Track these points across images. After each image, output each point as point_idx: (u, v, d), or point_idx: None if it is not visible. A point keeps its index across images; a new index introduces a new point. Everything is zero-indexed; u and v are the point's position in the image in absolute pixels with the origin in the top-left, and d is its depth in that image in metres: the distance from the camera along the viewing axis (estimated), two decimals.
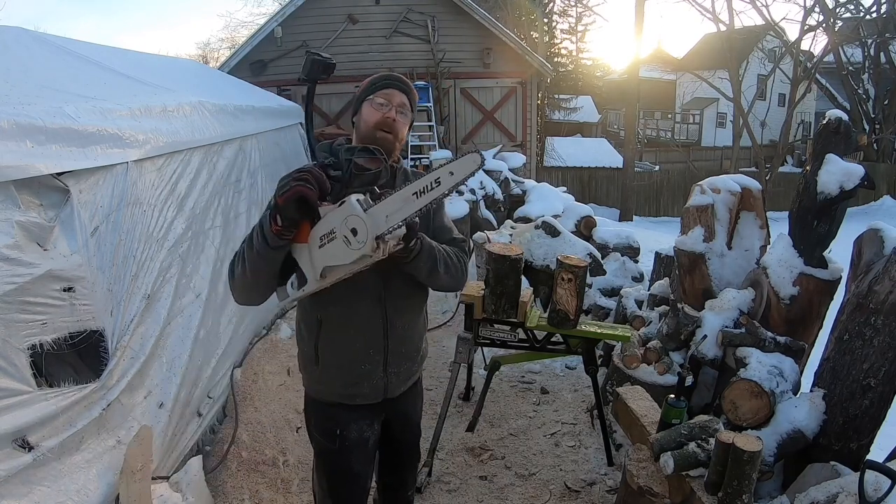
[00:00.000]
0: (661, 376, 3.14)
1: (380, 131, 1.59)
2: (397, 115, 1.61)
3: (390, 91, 1.62)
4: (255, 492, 2.56)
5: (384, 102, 1.60)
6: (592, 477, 2.91)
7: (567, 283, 2.85)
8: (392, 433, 1.78)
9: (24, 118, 1.73)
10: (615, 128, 26.15)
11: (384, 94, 1.61)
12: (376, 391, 1.65)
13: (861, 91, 19.31)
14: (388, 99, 1.61)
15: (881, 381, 2.08)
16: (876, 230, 2.26)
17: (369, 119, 1.60)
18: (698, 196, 3.06)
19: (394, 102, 1.61)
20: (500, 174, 7.80)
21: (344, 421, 1.66)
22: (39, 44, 2.92)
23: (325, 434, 1.68)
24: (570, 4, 24.57)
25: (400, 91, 1.63)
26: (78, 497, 1.77)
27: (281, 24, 9.90)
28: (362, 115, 1.63)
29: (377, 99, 1.61)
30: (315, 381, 1.68)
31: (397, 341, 1.64)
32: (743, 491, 1.93)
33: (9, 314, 1.60)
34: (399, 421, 1.78)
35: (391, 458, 1.86)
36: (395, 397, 1.70)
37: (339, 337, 1.60)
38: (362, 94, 1.65)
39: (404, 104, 1.63)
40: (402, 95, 1.63)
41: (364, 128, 1.61)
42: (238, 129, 3.87)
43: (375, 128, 1.59)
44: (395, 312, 1.61)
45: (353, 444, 1.67)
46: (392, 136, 1.60)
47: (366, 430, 1.68)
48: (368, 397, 1.65)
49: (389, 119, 1.59)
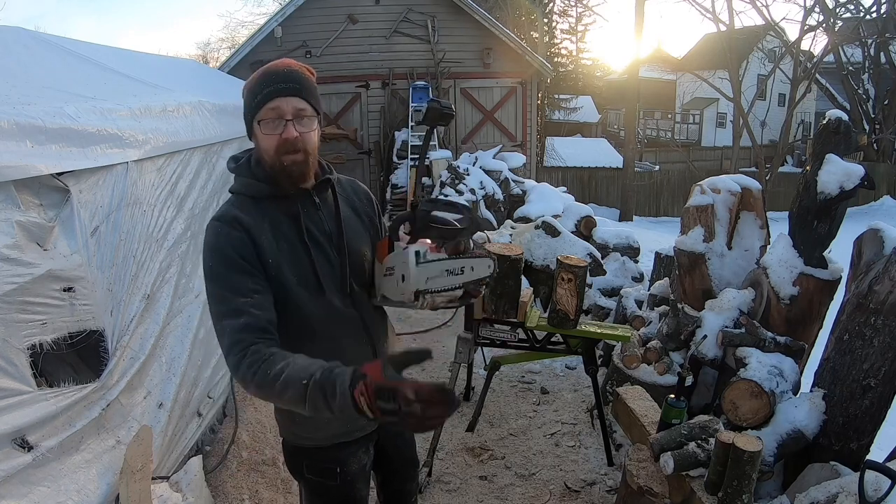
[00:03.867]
0: (661, 376, 3.14)
1: (285, 156, 1.30)
2: (297, 127, 1.31)
3: (277, 103, 1.30)
4: (255, 492, 2.56)
5: (276, 119, 1.30)
6: (592, 477, 2.91)
7: (567, 283, 2.85)
8: (387, 452, 1.70)
9: (24, 118, 1.73)
10: (615, 128, 26.13)
11: (272, 109, 1.30)
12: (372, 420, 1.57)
13: (861, 91, 19.30)
14: (278, 114, 1.30)
15: (881, 381, 2.08)
16: (876, 230, 2.26)
17: (267, 146, 1.31)
18: (698, 196, 3.06)
19: (287, 115, 1.30)
20: (500, 174, 7.80)
21: (343, 457, 1.53)
22: (39, 44, 2.92)
23: (325, 474, 1.54)
24: (570, 4, 24.60)
25: (290, 95, 1.30)
26: (78, 497, 1.77)
27: (281, 24, 9.90)
28: (258, 142, 1.34)
29: (266, 118, 1.30)
30: (307, 431, 1.49)
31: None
32: (743, 491, 1.93)
33: (9, 314, 1.60)
34: (392, 442, 1.69)
35: (390, 474, 1.78)
36: None
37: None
38: (248, 112, 1.34)
39: (300, 109, 1.32)
40: (293, 100, 1.31)
41: (267, 157, 1.32)
42: (238, 129, 3.85)
43: (278, 154, 1.30)
44: (377, 334, 1.51)
45: (355, 475, 1.57)
46: (301, 155, 1.32)
47: (363, 457, 1.59)
48: (367, 427, 1.54)
49: (290, 139, 1.29)
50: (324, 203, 1.43)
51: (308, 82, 1.36)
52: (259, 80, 1.34)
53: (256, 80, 1.35)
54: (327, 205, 1.44)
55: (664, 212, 18.03)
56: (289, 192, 1.37)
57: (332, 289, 1.40)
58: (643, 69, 18.90)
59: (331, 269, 1.41)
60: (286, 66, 1.35)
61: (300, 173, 1.35)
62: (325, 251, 1.40)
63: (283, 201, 1.37)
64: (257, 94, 1.32)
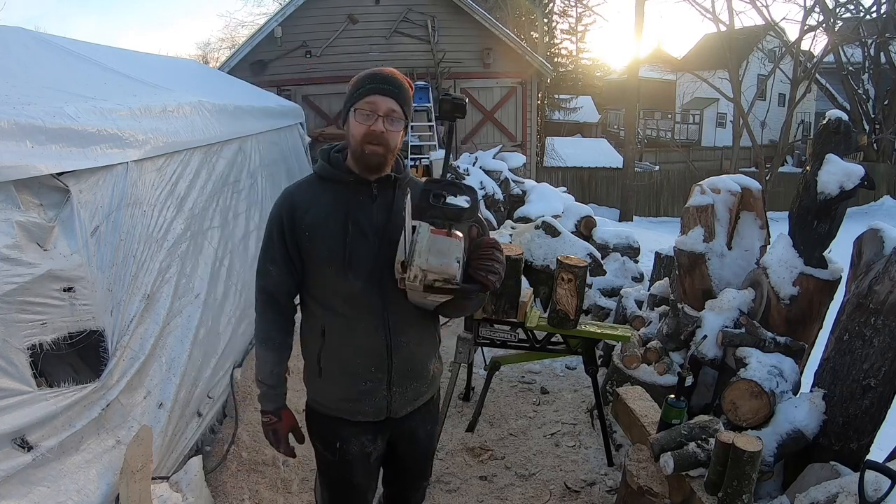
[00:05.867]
0: (661, 376, 3.14)
1: (368, 145, 1.46)
2: (386, 124, 1.46)
3: (374, 99, 1.46)
4: (255, 492, 2.56)
5: (369, 113, 1.46)
6: (592, 477, 2.91)
7: (567, 283, 2.85)
8: (397, 452, 1.72)
9: (24, 118, 1.73)
10: (615, 128, 26.14)
11: (369, 102, 1.46)
12: (378, 410, 1.59)
13: (861, 91, 19.31)
14: (372, 109, 1.45)
15: (881, 381, 2.08)
16: (876, 230, 2.26)
17: (356, 133, 1.47)
18: (698, 196, 3.06)
19: (380, 111, 1.45)
20: (500, 174, 7.80)
21: (345, 435, 1.61)
22: (39, 44, 2.92)
23: (325, 445, 1.65)
24: (570, 4, 24.62)
25: (386, 96, 1.46)
26: (78, 497, 1.77)
27: (281, 24, 9.91)
28: (349, 127, 1.50)
29: (362, 109, 1.46)
30: (317, 393, 1.64)
31: (402, 360, 1.57)
32: (743, 491, 1.93)
33: (9, 314, 1.60)
34: (405, 441, 1.71)
35: (396, 476, 1.80)
36: (399, 417, 1.63)
37: (341, 351, 1.55)
38: (348, 101, 1.52)
39: (393, 110, 1.47)
40: (388, 101, 1.46)
41: (353, 142, 1.49)
42: (238, 129, 3.87)
43: (363, 142, 1.46)
44: (399, 330, 1.54)
45: (354, 458, 1.62)
46: (382, 149, 1.47)
47: (367, 445, 1.63)
48: (369, 415, 1.59)
49: (376, 132, 1.45)
50: (382, 195, 1.54)
51: (405, 91, 1.51)
52: (365, 76, 1.51)
53: (363, 76, 1.51)
54: (385, 198, 1.54)
55: (664, 212, 18.04)
56: (350, 179, 1.52)
57: (360, 273, 1.48)
58: (643, 69, 18.91)
59: (366, 254, 1.49)
60: (391, 72, 1.52)
61: (377, 164, 1.49)
62: (367, 237, 1.50)
63: (345, 186, 1.53)
64: (360, 87, 1.48)
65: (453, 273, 1.34)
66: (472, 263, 1.42)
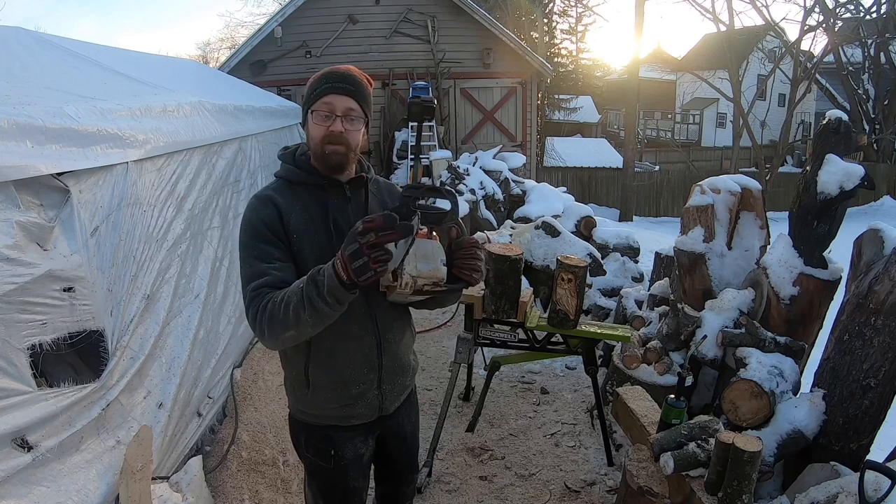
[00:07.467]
0: (661, 376, 3.14)
1: (328, 145, 1.45)
2: (345, 123, 1.45)
3: (331, 99, 1.44)
4: (255, 492, 2.56)
5: (327, 114, 1.45)
6: (592, 477, 2.91)
7: (567, 284, 2.85)
8: (387, 448, 1.73)
9: (24, 118, 1.73)
10: (615, 128, 26.15)
11: (326, 103, 1.44)
12: (371, 410, 1.60)
13: (861, 91, 19.30)
14: (330, 109, 1.44)
15: (881, 381, 2.08)
16: (876, 230, 2.26)
17: (315, 134, 1.47)
18: (698, 196, 3.06)
19: (338, 111, 1.44)
20: (500, 174, 7.80)
21: (339, 441, 1.60)
22: (39, 44, 2.92)
23: (319, 454, 1.62)
24: (570, 4, 24.63)
25: (343, 94, 1.45)
26: (78, 497, 1.77)
27: (281, 24, 9.91)
28: (308, 129, 1.49)
29: (319, 110, 1.45)
30: (305, 405, 1.59)
31: (391, 357, 1.59)
32: (743, 491, 1.93)
33: (9, 314, 1.60)
34: (394, 436, 1.73)
35: (388, 472, 1.81)
36: (389, 413, 1.65)
37: (331, 359, 1.52)
38: (305, 102, 1.49)
39: (351, 108, 1.46)
40: (346, 100, 1.45)
41: (313, 143, 1.48)
42: (238, 129, 3.87)
43: (322, 143, 1.46)
44: (386, 327, 1.56)
45: (349, 463, 1.62)
46: (343, 148, 1.46)
47: (360, 446, 1.63)
48: (363, 416, 1.60)
49: (335, 132, 1.44)
50: (355, 197, 1.55)
51: (363, 88, 1.50)
52: (321, 76, 1.49)
53: (319, 76, 1.49)
54: (358, 199, 1.55)
55: (664, 212, 18.03)
56: (322, 182, 1.50)
57: None
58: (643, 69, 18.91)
59: None
60: (347, 70, 1.50)
61: (338, 164, 1.48)
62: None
63: (317, 189, 1.51)
64: (316, 88, 1.47)
65: (442, 276, 1.37)
66: (457, 263, 1.45)
